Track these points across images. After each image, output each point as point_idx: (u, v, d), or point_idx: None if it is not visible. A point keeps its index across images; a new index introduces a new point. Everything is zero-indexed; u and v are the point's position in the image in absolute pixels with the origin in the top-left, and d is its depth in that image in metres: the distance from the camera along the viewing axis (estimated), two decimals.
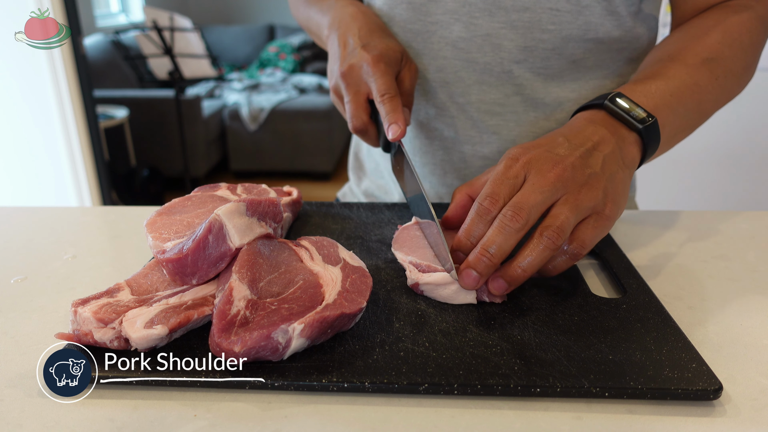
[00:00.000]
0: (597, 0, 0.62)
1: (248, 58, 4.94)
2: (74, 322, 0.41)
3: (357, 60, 0.62)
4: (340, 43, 0.65)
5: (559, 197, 0.47)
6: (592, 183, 0.47)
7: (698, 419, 0.36)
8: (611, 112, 0.53)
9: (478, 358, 0.40)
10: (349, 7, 0.69)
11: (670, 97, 0.56)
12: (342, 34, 0.66)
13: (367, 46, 0.62)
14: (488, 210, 0.47)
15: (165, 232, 0.49)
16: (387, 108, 0.58)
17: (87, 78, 2.34)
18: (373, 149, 0.82)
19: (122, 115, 3.07)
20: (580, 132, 0.51)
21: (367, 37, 0.64)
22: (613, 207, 0.49)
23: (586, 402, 0.38)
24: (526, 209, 0.45)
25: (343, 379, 0.38)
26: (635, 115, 0.52)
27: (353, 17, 0.67)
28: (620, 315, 0.45)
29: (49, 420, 0.36)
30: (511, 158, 0.49)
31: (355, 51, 0.62)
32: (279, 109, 3.67)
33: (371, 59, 0.60)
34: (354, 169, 0.89)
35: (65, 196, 2.44)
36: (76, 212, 0.75)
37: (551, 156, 0.48)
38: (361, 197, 0.87)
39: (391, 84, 0.60)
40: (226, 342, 0.37)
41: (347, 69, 0.62)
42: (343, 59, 0.63)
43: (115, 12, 4.46)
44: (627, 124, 0.52)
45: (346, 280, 0.45)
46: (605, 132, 0.51)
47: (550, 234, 0.45)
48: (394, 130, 0.57)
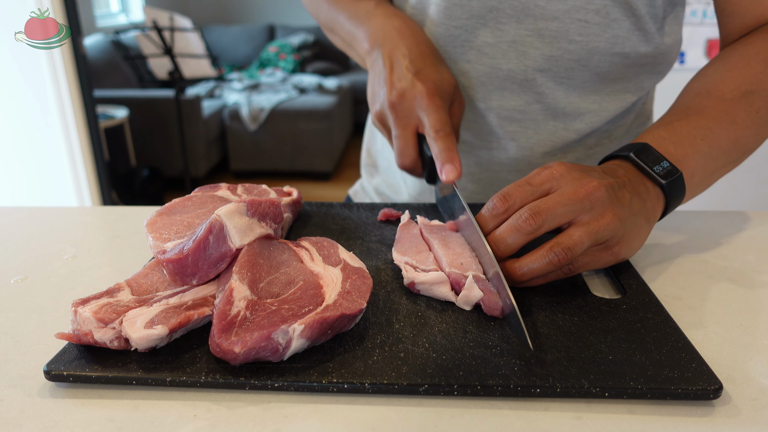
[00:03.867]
0: (626, 15, 0.61)
1: (248, 58, 4.94)
2: (74, 322, 0.41)
3: (409, 89, 0.58)
4: (386, 64, 0.61)
5: (580, 217, 0.46)
6: (616, 213, 0.47)
7: (698, 419, 0.36)
8: (636, 165, 0.52)
9: (478, 359, 0.40)
10: (394, 20, 0.64)
11: (702, 142, 0.54)
12: (388, 53, 0.61)
13: (420, 74, 0.58)
14: (496, 207, 0.48)
15: (165, 232, 0.49)
16: (441, 146, 0.55)
17: (87, 78, 2.34)
18: (386, 146, 0.81)
19: (122, 115, 3.07)
20: (612, 171, 0.51)
21: (418, 61, 0.60)
22: (625, 247, 0.48)
23: (586, 402, 0.38)
24: (543, 215, 0.45)
25: (343, 380, 0.38)
26: (659, 169, 0.51)
27: (401, 34, 0.62)
28: (620, 315, 0.46)
29: (49, 420, 0.36)
30: (543, 167, 0.50)
31: (406, 78, 0.58)
32: (279, 109, 3.67)
33: (426, 92, 0.57)
34: (366, 166, 0.88)
35: (65, 196, 2.44)
36: (76, 212, 0.75)
37: (583, 175, 0.48)
38: (373, 194, 0.86)
39: (447, 120, 0.57)
40: (226, 342, 0.37)
41: (397, 99, 0.58)
42: (391, 85, 0.59)
43: (115, 12, 4.46)
44: (651, 178, 0.51)
45: (346, 280, 0.45)
46: (630, 178, 0.51)
47: (559, 252, 0.45)
48: (449, 171, 0.54)
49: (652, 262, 0.58)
